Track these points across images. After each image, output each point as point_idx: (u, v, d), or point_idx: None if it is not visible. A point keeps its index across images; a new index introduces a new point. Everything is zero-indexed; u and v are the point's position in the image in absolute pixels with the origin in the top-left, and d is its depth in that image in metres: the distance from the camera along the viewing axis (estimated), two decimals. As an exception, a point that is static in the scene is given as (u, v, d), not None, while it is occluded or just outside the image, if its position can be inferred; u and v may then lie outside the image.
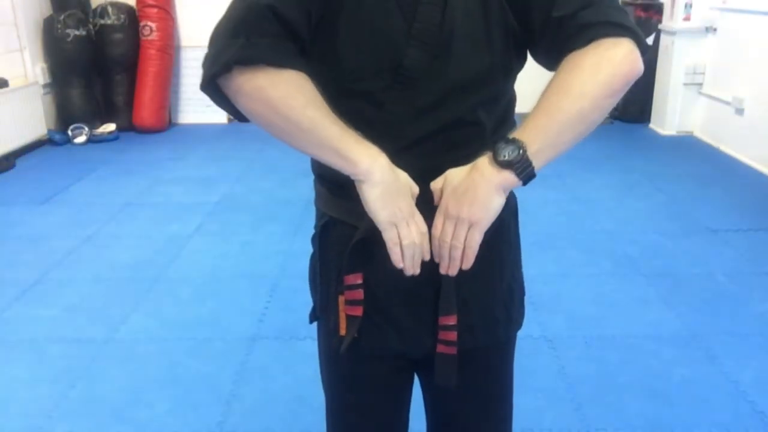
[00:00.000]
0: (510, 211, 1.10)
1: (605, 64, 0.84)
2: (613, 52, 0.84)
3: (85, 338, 2.57)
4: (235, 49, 0.85)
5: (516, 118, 1.06)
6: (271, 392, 2.23)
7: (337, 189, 1.04)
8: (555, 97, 0.85)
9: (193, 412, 2.14)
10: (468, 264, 0.93)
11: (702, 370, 2.32)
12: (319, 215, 1.12)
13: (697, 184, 4.30)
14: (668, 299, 2.81)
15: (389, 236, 0.92)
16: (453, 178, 0.92)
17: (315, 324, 1.20)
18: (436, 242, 0.94)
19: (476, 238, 0.91)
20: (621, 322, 2.64)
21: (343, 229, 1.05)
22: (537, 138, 0.86)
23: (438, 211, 0.93)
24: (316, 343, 1.22)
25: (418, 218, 0.94)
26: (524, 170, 0.86)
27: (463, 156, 0.96)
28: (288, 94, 0.86)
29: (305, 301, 1.22)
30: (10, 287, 2.97)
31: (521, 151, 0.85)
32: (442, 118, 0.94)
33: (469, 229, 0.91)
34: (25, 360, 2.44)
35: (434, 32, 0.90)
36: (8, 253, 3.38)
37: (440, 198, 0.93)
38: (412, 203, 0.93)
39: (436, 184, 0.93)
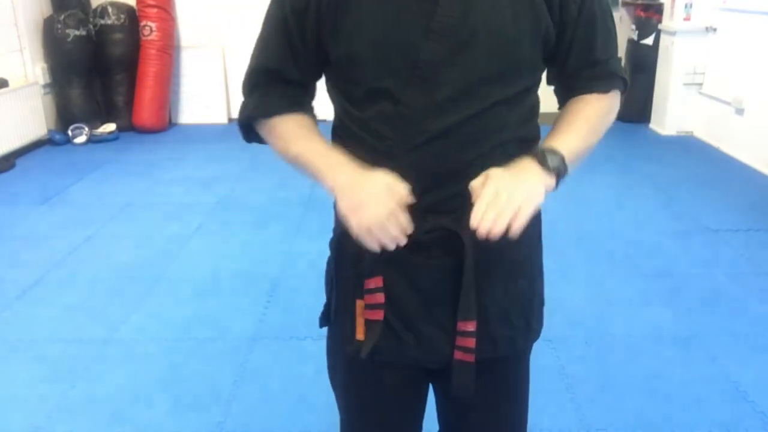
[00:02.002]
0: (533, 217, 1.09)
1: (611, 111, 1.07)
2: (615, 102, 1.08)
3: (85, 338, 2.57)
4: (251, 108, 1.07)
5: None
6: (271, 392, 2.23)
7: None
8: (583, 126, 1.03)
9: (193, 412, 2.14)
10: (518, 229, 0.89)
11: (702, 370, 2.32)
12: (338, 219, 1.10)
13: (697, 184, 4.30)
14: (668, 299, 2.81)
15: (368, 242, 0.94)
16: (497, 172, 0.92)
17: (312, 324, 1.19)
18: (483, 204, 0.88)
19: (527, 213, 0.90)
20: (621, 322, 2.64)
21: None
22: (571, 154, 0.99)
23: (487, 185, 0.90)
24: (313, 343, 1.21)
25: (397, 219, 0.92)
26: (562, 177, 0.98)
27: (483, 153, 0.96)
28: (285, 133, 1.05)
29: (305, 301, 1.22)
30: (10, 287, 2.97)
31: (563, 163, 0.97)
32: (462, 114, 0.94)
33: (518, 207, 0.89)
34: (25, 360, 2.44)
35: (455, 26, 0.91)
36: (8, 253, 3.38)
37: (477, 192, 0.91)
38: (392, 205, 0.92)
39: (476, 182, 0.91)
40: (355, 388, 1.16)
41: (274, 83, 1.05)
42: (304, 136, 1.04)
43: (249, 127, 1.09)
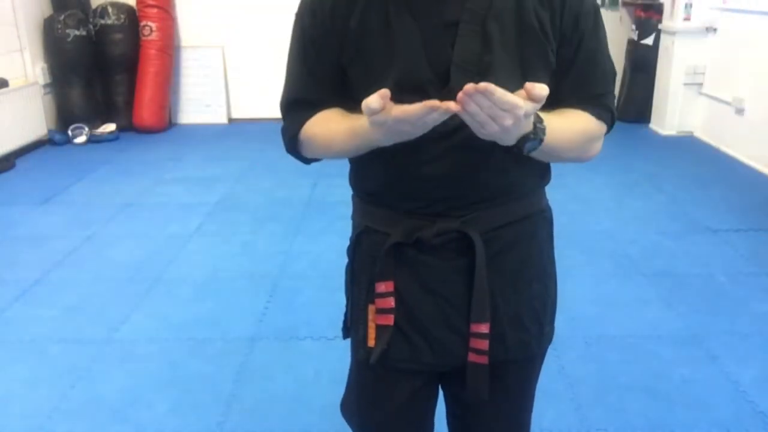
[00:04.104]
0: (542, 215, 1.11)
1: (596, 137, 1.07)
2: (601, 132, 1.07)
3: (85, 338, 2.57)
4: (286, 131, 1.09)
5: None
6: (271, 392, 2.23)
7: (371, 198, 1.07)
8: (581, 127, 1.02)
9: (193, 412, 2.14)
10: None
11: (702, 370, 2.32)
12: (355, 226, 1.13)
13: (697, 184, 4.30)
14: (668, 299, 2.81)
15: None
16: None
17: (312, 324, 1.21)
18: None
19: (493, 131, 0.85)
20: (621, 322, 2.64)
21: (376, 237, 1.06)
22: (552, 140, 0.94)
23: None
24: (313, 343, 1.22)
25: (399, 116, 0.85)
26: (526, 149, 0.91)
27: (490, 164, 0.99)
28: (319, 131, 1.04)
29: (305, 301, 1.22)
30: (10, 287, 2.97)
31: (539, 143, 0.91)
32: (468, 131, 0.96)
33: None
34: (25, 360, 2.44)
35: (474, 61, 0.94)
36: (8, 253, 3.38)
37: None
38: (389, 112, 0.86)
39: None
40: (370, 395, 1.17)
41: (301, 107, 1.06)
42: (328, 121, 1.03)
43: (296, 150, 1.10)
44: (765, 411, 2.10)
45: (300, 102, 1.07)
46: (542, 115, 0.92)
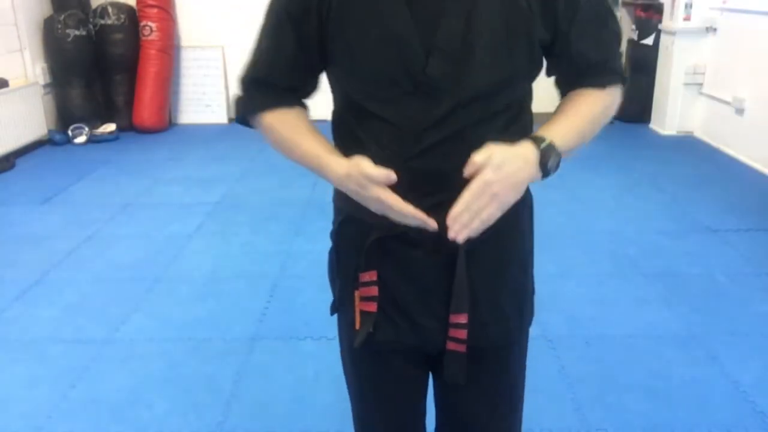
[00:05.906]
0: (524, 203, 1.11)
1: (610, 106, 1.07)
2: (614, 98, 1.06)
3: (85, 338, 2.57)
4: (241, 107, 1.10)
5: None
6: (271, 392, 2.23)
7: None
8: (581, 121, 1.03)
9: (193, 412, 2.14)
10: (476, 231, 0.94)
11: (702, 370, 2.32)
12: (337, 212, 1.14)
13: (697, 184, 4.30)
14: (668, 299, 2.81)
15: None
16: (497, 156, 0.91)
17: (312, 324, 1.22)
18: (463, 204, 0.91)
19: (498, 215, 0.94)
20: (621, 322, 2.64)
21: (360, 226, 1.07)
22: (566, 149, 0.99)
23: (477, 179, 0.91)
24: (313, 343, 1.22)
25: (379, 200, 0.96)
26: (550, 175, 0.98)
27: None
28: (286, 135, 1.07)
29: (305, 301, 1.23)
30: (10, 287, 2.97)
31: (558, 164, 0.97)
32: (459, 124, 0.97)
33: (493, 213, 0.93)
34: (25, 360, 2.44)
35: (457, 43, 0.93)
36: (8, 253, 3.38)
37: (477, 170, 0.91)
38: (368, 193, 0.96)
39: (478, 158, 0.90)
40: (360, 372, 1.19)
41: (265, 89, 1.07)
42: (297, 129, 1.06)
43: (245, 122, 1.11)
44: (765, 411, 2.10)
45: (264, 83, 1.06)
46: (542, 132, 0.97)
